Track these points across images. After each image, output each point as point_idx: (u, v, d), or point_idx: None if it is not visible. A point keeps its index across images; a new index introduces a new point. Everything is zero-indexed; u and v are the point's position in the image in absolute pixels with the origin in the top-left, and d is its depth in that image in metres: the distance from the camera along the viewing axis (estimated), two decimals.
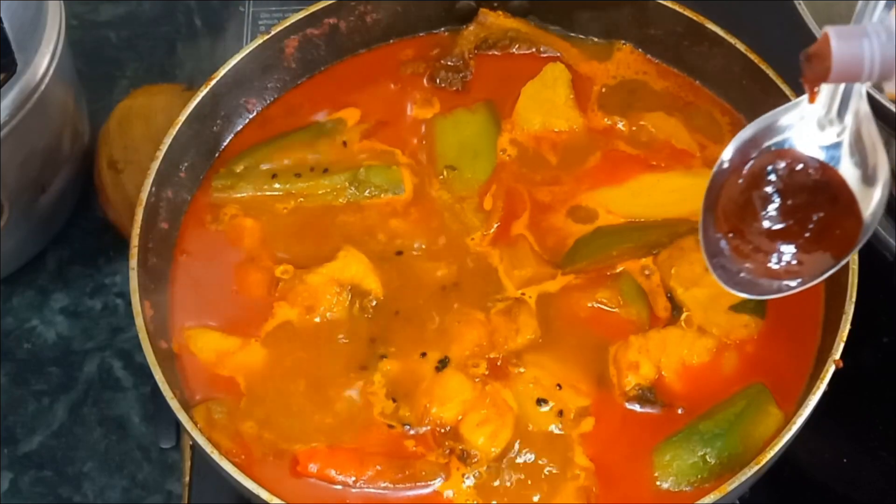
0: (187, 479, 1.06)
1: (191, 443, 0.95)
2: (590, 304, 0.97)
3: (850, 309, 0.90)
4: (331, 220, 1.02)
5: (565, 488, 0.90)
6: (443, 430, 0.92)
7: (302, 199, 1.03)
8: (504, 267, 0.99)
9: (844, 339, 0.89)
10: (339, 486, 0.90)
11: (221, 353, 0.96)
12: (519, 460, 0.91)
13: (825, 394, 0.88)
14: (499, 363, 0.95)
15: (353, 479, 0.90)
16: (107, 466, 1.13)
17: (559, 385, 0.93)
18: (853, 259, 0.92)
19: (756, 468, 0.85)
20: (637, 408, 0.93)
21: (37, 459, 1.14)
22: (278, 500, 0.85)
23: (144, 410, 1.16)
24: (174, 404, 0.89)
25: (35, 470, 1.13)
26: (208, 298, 0.99)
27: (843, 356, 0.89)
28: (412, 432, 0.92)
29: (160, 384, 0.89)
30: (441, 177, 1.04)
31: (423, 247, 1.01)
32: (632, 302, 0.97)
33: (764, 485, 0.90)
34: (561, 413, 0.92)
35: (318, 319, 0.97)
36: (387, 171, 1.04)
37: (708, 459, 0.89)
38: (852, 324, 0.90)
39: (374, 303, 0.97)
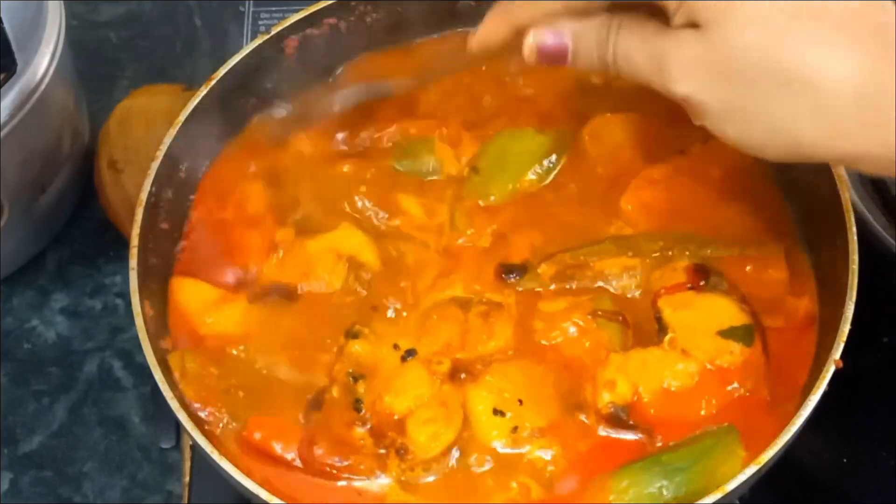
0: (187, 479, 1.06)
1: (191, 443, 0.95)
2: (569, 322, 0.93)
3: (849, 309, 0.90)
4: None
5: (498, 499, 0.88)
6: (390, 421, 0.90)
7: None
8: (495, 268, 0.97)
9: (844, 339, 0.89)
10: (280, 462, 0.90)
11: (208, 304, 0.96)
12: (456, 465, 0.89)
13: (825, 394, 0.88)
14: (463, 366, 0.92)
15: (293, 455, 0.90)
16: (107, 466, 1.13)
17: (520, 400, 0.89)
18: (853, 259, 0.92)
19: (756, 468, 0.85)
20: (611, 433, 0.89)
21: (37, 459, 1.14)
22: (278, 501, 0.85)
23: (144, 410, 1.16)
24: (174, 404, 0.88)
25: (35, 470, 1.13)
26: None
27: (843, 356, 0.88)
28: (362, 415, 0.91)
29: (160, 384, 0.89)
30: (463, 173, 1.02)
31: (423, 235, 0.99)
32: (610, 323, 0.93)
33: (764, 485, 0.89)
34: (515, 429, 0.89)
35: (310, 288, 0.96)
36: (428, 151, 1.03)
37: (664, 493, 0.86)
38: (852, 324, 0.89)
39: (368, 276, 0.96)
